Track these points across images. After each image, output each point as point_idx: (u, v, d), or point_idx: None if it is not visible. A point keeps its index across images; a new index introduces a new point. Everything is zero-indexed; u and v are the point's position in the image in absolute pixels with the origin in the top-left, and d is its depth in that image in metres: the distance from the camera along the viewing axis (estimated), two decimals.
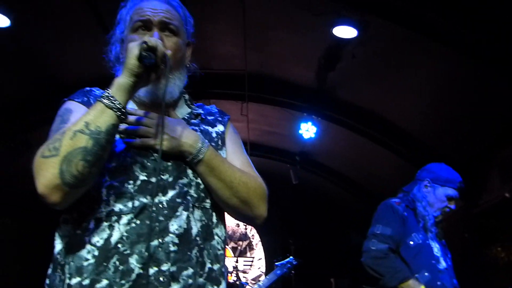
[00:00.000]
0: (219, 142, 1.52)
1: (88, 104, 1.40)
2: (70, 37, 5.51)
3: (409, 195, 2.90)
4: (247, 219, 1.49)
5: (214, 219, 1.41)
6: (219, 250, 1.41)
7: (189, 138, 1.37)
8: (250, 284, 8.39)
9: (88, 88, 1.49)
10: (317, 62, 5.86)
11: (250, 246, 10.04)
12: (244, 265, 9.79)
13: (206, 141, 1.41)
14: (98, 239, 1.26)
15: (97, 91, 1.48)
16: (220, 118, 1.59)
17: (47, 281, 1.33)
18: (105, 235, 1.26)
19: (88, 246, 1.26)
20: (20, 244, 8.27)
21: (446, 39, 4.89)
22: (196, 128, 1.48)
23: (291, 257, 5.35)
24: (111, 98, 1.25)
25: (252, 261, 9.92)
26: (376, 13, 4.90)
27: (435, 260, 2.72)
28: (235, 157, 1.51)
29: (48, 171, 1.18)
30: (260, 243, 10.10)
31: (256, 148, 8.15)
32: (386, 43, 5.37)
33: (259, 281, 5.48)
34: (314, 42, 5.65)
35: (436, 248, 2.78)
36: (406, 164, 6.95)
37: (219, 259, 1.40)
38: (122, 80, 1.27)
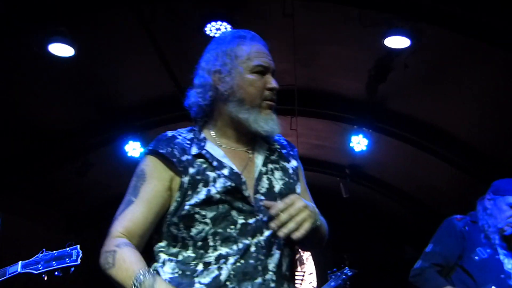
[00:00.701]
0: (295, 178, 1.59)
1: (172, 156, 1.46)
2: (128, 63, 5.76)
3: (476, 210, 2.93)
4: (313, 249, 1.70)
5: (294, 250, 1.53)
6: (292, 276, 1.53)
7: (314, 208, 1.45)
8: None
9: (170, 134, 1.53)
10: (367, 74, 5.77)
11: (300, 261, 9.93)
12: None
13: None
14: (208, 279, 1.37)
15: (179, 136, 1.53)
16: (291, 152, 1.66)
17: None
18: (214, 275, 1.38)
19: (197, 285, 1.37)
20: (83, 259, 8.55)
21: (503, 43, 4.71)
22: (277, 165, 1.56)
23: (346, 267, 5.16)
24: None
25: (303, 276, 9.80)
26: (429, 20, 4.78)
27: (505, 275, 2.67)
28: (305, 195, 1.61)
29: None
30: (310, 258, 9.97)
31: (306, 162, 8.03)
32: (440, 51, 5.23)
33: None
34: (364, 53, 5.57)
35: (510, 264, 2.74)
36: (463, 174, 6.72)
37: (292, 284, 1.52)
38: None
